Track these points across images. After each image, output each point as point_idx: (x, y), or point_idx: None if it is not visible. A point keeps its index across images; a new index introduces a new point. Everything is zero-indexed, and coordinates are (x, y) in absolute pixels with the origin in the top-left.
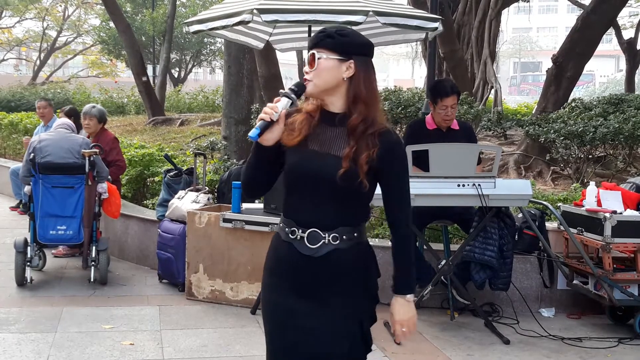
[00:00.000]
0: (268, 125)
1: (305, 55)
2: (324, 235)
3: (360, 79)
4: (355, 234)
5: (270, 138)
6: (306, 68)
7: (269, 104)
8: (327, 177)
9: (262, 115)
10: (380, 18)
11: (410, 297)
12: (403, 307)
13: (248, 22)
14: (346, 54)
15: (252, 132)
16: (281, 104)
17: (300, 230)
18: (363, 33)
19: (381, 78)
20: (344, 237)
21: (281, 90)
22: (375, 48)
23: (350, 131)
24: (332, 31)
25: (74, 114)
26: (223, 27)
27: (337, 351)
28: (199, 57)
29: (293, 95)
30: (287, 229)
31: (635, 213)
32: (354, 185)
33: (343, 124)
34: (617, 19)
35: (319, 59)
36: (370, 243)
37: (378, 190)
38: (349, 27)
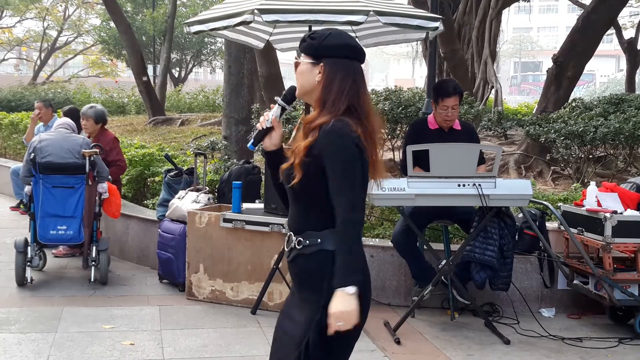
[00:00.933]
0: (261, 133)
1: None
2: (293, 239)
3: (324, 81)
4: (319, 240)
5: (271, 143)
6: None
7: (264, 114)
8: (286, 176)
9: (257, 125)
10: (380, 18)
11: (351, 289)
12: (341, 300)
13: (249, 22)
14: (316, 57)
15: (249, 143)
16: (273, 111)
17: (288, 233)
18: (364, 33)
19: (380, 78)
20: (307, 242)
21: (275, 97)
22: (375, 48)
23: (303, 128)
24: (307, 34)
25: (74, 115)
26: (224, 28)
27: (289, 356)
28: (200, 57)
29: (281, 102)
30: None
31: (636, 213)
32: (312, 186)
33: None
34: (618, 18)
35: (299, 62)
36: (370, 243)
37: (378, 190)
38: (332, 29)
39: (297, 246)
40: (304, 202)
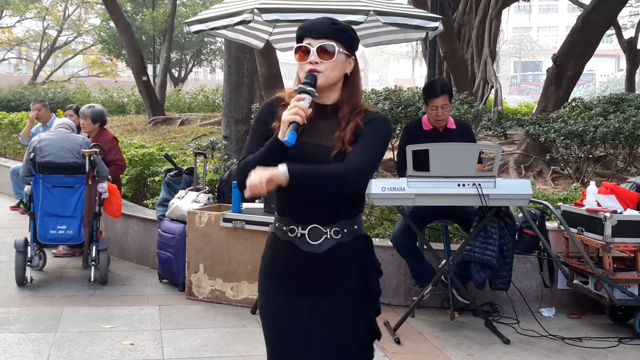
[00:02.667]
0: (300, 126)
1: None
2: (325, 231)
3: (356, 75)
4: (355, 227)
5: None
6: (315, 58)
7: (296, 104)
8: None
9: (292, 117)
10: (380, 17)
11: (282, 167)
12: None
13: (249, 21)
14: (351, 50)
15: (290, 137)
16: (305, 103)
17: (300, 228)
18: (364, 32)
19: (373, 79)
20: (345, 230)
21: (300, 86)
22: (375, 47)
23: (340, 121)
24: (345, 25)
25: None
26: (224, 27)
27: (346, 348)
28: (199, 57)
29: (313, 89)
30: (285, 228)
31: (636, 213)
32: None
33: (335, 115)
34: (618, 18)
35: (338, 51)
36: None
37: (378, 190)
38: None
39: (334, 236)
40: (339, 193)
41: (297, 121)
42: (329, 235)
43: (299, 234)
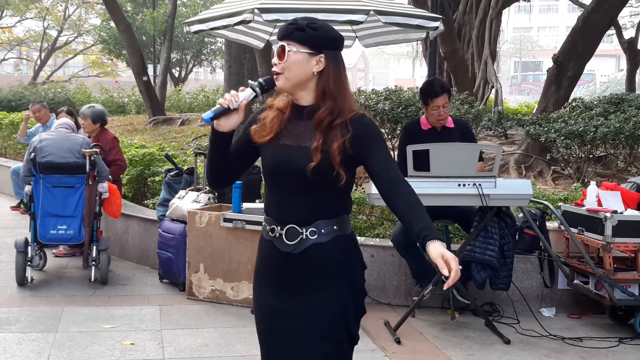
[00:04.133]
0: (224, 111)
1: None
2: (301, 231)
3: (329, 74)
4: (335, 227)
5: (225, 125)
6: (275, 60)
7: (231, 91)
8: (298, 171)
9: (221, 100)
10: (381, 17)
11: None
12: (441, 248)
13: (249, 21)
14: (317, 48)
15: (206, 114)
16: (244, 94)
17: (279, 227)
18: (364, 32)
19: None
20: (323, 230)
21: (249, 81)
22: (376, 47)
23: (316, 124)
24: (304, 24)
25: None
26: (224, 27)
27: (323, 348)
28: (200, 57)
29: (258, 89)
30: (267, 227)
31: (636, 213)
32: (329, 178)
33: (312, 116)
34: (618, 18)
35: (289, 51)
36: (370, 243)
37: (375, 190)
38: (320, 19)
39: (310, 237)
40: (321, 194)
41: (221, 104)
42: (304, 236)
43: (277, 233)
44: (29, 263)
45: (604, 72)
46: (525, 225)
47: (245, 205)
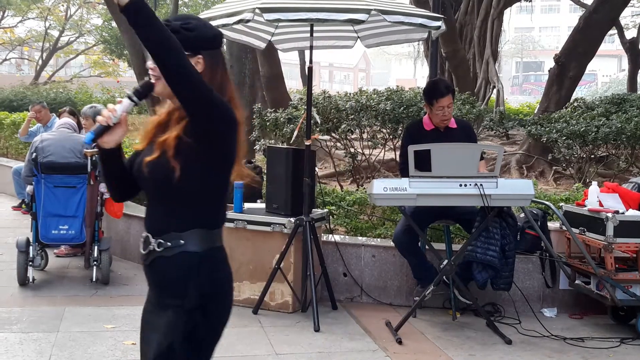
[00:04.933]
0: (105, 129)
1: (307, 55)
2: (151, 242)
3: (206, 76)
4: (181, 241)
5: (111, 140)
6: (150, 64)
7: (109, 106)
8: (146, 176)
9: (100, 118)
10: (384, 16)
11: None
12: None
13: (247, 20)
14: (194, 49)
15: (87, 136)
16: (121, 106)
17: (144, 234)
18: (366, 33)
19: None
20: (169, 243)
21: (126, 91)
22: (377, 48)
23: (171, 123)
24: (177, 25)
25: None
26: (223, 26)
27: None
28: None
29: (136, 98)
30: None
31: (638, 213)
32: (168, 177)
33: None
34: (620, 18)
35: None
36: (372, 243)
37: (379, 190)
38: (194, 19)
39: (157, 248)
40: (171, 201)
41: (100, 122)
42: (152, 247)
43: (143, 239)
44: (30, 263)
45: (606, 72)
46: (527, 225)
47: (247, 205)
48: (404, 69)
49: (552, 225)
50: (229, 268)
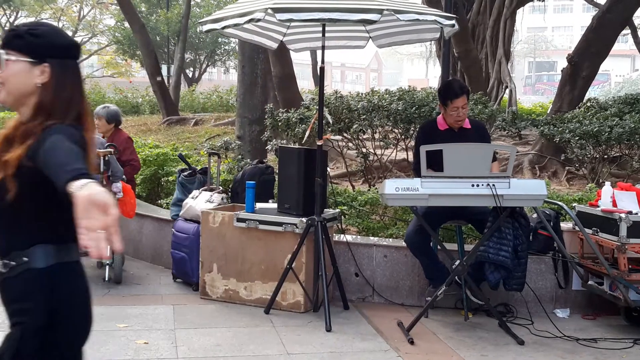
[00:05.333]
0: None
1: (319, 55)
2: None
3: (51, 86)
4: (25, 259)
5: None
6: None
7: None
8: None
9: None
10: (397, 15)
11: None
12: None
13: (258, 20)
14: (39, 57)
15: None
16: None
17: None
18: (378, 33)
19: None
20: (14, 262)
21: None
22: (389, 48)
23: (15, 138)
24: (23, 30)
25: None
26: (235, 26)
27: None
28: (213, 57)
29: None
30: None
31: None
32: (4, 198)
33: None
34: (633, 18)
35: (6, 60)
36: (384, 243)
37: (391, 190)
38: (46, 26)
39: (2, 270)
40: (13, 220)
41: None
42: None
43: None
44: None
45: (619, 72)
46: (540, 225)
47: (259, 205)
48: (416, 69)
49: (565, 225)
50: (84, 282)
